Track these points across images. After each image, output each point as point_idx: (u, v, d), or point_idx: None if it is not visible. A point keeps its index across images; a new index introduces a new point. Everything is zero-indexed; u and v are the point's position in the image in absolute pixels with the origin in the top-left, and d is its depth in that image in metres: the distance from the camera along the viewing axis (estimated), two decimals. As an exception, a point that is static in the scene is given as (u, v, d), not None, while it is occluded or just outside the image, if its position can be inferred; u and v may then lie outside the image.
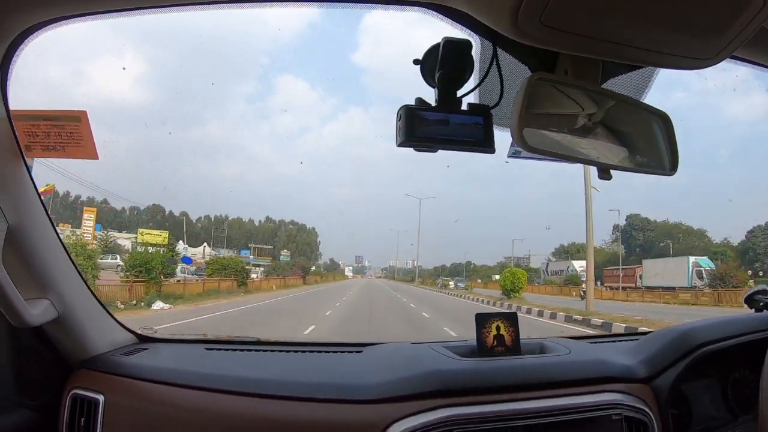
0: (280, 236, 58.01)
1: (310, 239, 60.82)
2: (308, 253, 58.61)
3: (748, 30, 0.69)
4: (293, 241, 58.41)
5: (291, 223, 61.09)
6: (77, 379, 1.07)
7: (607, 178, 0.82)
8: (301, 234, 60.48)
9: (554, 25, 0.66)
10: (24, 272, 0.95)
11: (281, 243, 55.36)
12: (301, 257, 55.16)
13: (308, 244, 59.90)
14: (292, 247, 56.63)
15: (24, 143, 0.95)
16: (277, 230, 59.26)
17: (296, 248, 57.24)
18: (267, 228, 58.82)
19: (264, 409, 1.00)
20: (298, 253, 56.39)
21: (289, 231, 60.19)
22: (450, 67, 0.79)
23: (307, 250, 59.12)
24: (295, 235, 59.80)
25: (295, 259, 53.25)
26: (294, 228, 60.99)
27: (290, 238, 58.76)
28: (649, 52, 0.74)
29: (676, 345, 1.18)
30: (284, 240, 57.53)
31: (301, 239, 59.51)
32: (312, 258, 59.63)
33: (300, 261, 47.57)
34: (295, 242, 58.34)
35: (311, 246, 60.50)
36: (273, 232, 58.60)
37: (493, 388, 1.03)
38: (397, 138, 0.77)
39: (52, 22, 0.84)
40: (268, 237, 55.56)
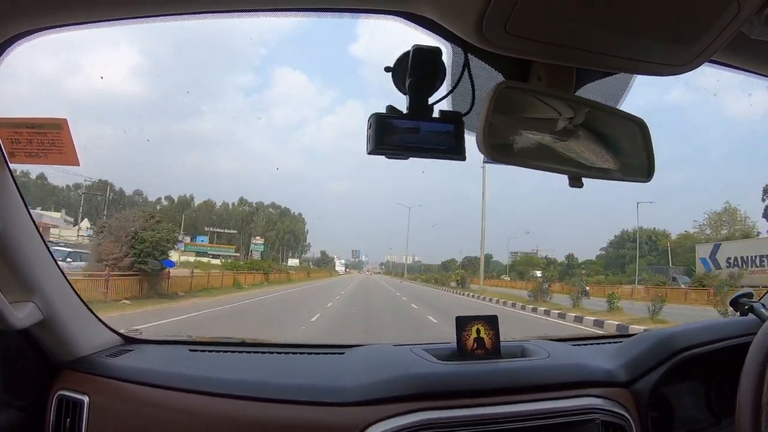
0: (256, 221, 50.02)
1: (296, 227, 53.08)
2: (292, 243, 51.54)
3: (725, 34, 0.68)
4: (272, 228, 50.67)
5: (271, 206, 52.77)
6: (63, 380, 1.09)
7: (578, 185, 0.82)
8: (284, 220, 52.51)
9: (520, 33, 0.66)
10: (8, 276, 0.97)
11: (258, 230, 48.54)
12: (284, 247, 49.41)
13: (292, 232, 52.12)
14: (272, 236, 49.29)
15: (7, 150, 0.97)
16: (254, 214, 50.95)
17: (276, 236, 49.82)
18: (239, 212, 50.02)
19: (245, 410, 1.02)
20: (280, 243, 49.54)
21: (269, 215, 51.92)
22: (420, 74, 0.79)
23: (291, 239, 51.74)
24: (276, 220, 51.56)
25: (274, 249, 47.00)
26: (275, 213, 52.59)
27: (269, 224, 50.83)
28: (623, 59, 0.74)
29: (658, 349, 1.18)
30: (262, 226, 49.75)
31: (283, 226, 51.49)
32: (297, 249, 52.82)
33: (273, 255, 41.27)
34: (275, 229, 50.48)
35: (296, 235, 52.87)
36: (248, 217, 50.14)
37: (470, 391, 1.04)
38: (367, 146, 0.78)
39: (39, 31, 0.85)
40: (242, 223, 48.45)
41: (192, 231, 42.31)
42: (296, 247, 54.02)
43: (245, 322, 9.54)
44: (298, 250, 54.34)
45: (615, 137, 0.86)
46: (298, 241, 54.32)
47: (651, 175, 0.86)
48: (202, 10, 0.82)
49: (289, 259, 49.65)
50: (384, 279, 46.78)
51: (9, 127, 0.97)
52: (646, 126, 0.87)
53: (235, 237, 45.90)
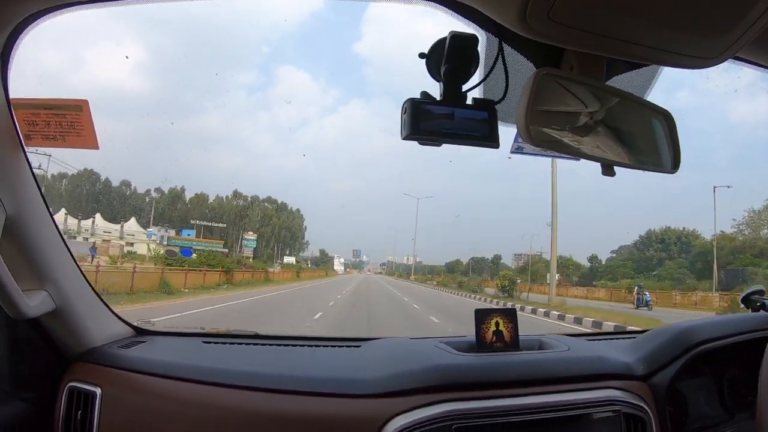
0: (251, 216, 46.74)
1: (293, 223, 50.16)
2: (288, 240, 49.07)
3: (753, 30, 0.70)
4: (268, 223, 47.41)
5: (267, 200, 49.29)
6: (74, 371, 1.06)
7: (610, 174, 0.83)
8: (281, 215, 49.38)
9: (562, 20, 0.66)
10: (22, 263, 0.94)
11: (252, 225, 45.52)
12: (280, 244, 46.77)
13: (289, 228, 49.14)
14: (267, 231, 46.37)
15: (24, 132, 0.94)
16: (248, 209, 47.79)
17: (272, 232, 46.98)
18: (233, 206, 46.51)
19: (261, 402, 1.00)
20: (276, 239, 47.21)
21: (264, 210, 48.68)
22: (455, 61, 0.79)
23: (287, 236, 48.81)
24: (272, 216, 48.44)
25: (269, 246, 44.48)
26: (271, 207, 49.35)
27: (265, 220, 47.63)
28: (654, 50, 0.75)
29: (675, 343, 1.19)
30: (256, 221, 46.42)
31: (279, 222, 48.38)
32: (295, 247, 50.29)
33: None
34: (270, 225, 47.39)
35: (293, 231, 49.83)
36: (242, 211, 46.99)
37: (492, 383, 1.04)
38: (402, 131, 0.77)
39: (53, 11, 0.83)
40: (235, 217, 45.44)
41: (183, 225, 39.97)
42: (293, 245, 51.36)
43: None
44: (295, 248, 51.70)
45: (642, 128, 0.87)
46: (295, 239, 51.54)
47: (677, 166, 0.87)
48: None
49: (284, 257, 47.51)
50: (386, 280, 43.85)
51: (26, 108, 0.94)
52: (672, 118, 0.88)
53: (226, 231, 42.45)
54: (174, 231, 37.88)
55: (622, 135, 0.87)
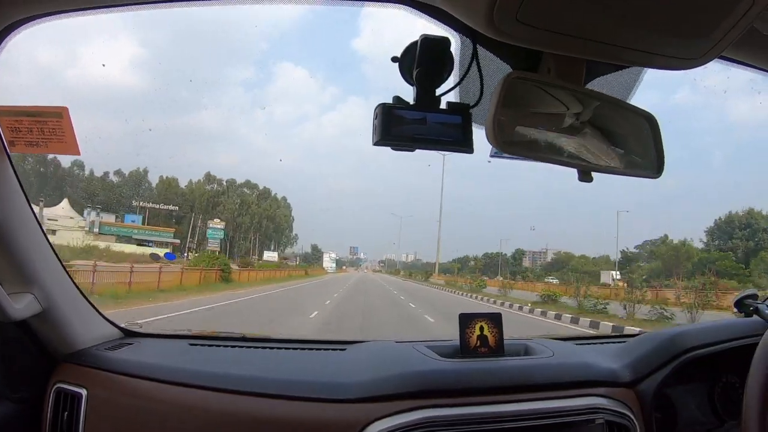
0: (225, 203, 39.73)
1: (278, 214, 43.17)
2: (271, 232, 42.20)
3: (737, 29, 0.67)
4: (246, 212, 40.43)
5: (246, 185, 41.98)
6: (61, 372, 1.08)
7: (587, 180, 0.81)
8: (262, 203, 42.06)
9: (531, 22, 0.64)
10: (7, 267, 0.96)
11: (227, 213, 39.24)
12: (261, 236, 40.58)
13: (272, 218, 42.06)
14: (245, 221, 39.65)
15: (7, 139, 0.96)
16: (223, 194, 40.87)
17: (251, 222, 40.15)
18: (203, 191, 39.57)
19: (244, 406, 1.01)
20: (256, 230, 40.62)
21: (242, 196, 41.58)
22: (428, 65, 0.78)
23: (270, 228, 41.71)
24: (251, 203, 41.32)
25: (248, 239, 39.05)
26: (251, 193, 42.27)
27: (243, 207, 40.63)
28: (634, 51, 0.73)
29: (663, 349, 1.17)
30: (232, 209, 39.72)
31: (260, 210, 41.24)
32: (281, 240, 43.56)
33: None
34: (249, 213, 40.38)
35: (278, 223, 42.75)
36: (215, 197, 40.16)
37: (473, 389, 1.03)
38: (373, 137, 0.76)
39: (38, 18, 0.84)
40: (207, 205, 39.04)
41: (129, 209, 33.61)
42: (278, 238, 44.27)
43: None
44: (282, 242, 44.71)
45: (624, 132, 0.85)
46: (280, 231, 44.25)
47: (661, 170, 0.85)
48: None
49: (265, 251, 40.97)
50: (388, 280, 35.77)
51: (9, 115, 0.95)
52: (656, 121, 0.85)
53: (182, 218, 36.39)
54: (115, 216, 31.93)
55: (604, 139, 0.85)
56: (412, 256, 56.18)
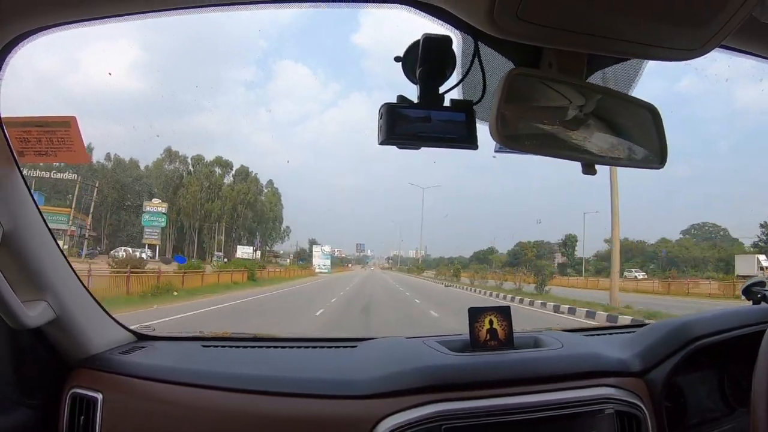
0: (188, 185, 32.49)
1: (262, 200, 35.61)
2: (250, 223, 34.82)
3: (736, 19, 0.68)
4: (218, 195, 33.09)
5: (217, 162, 34.33)
6: (76, 378, 1.10)
7: (591, 173, 0.82)
8: (243, 187, 34.44)
9: (531, 19, 0.65)
10: (20, 275, 0.97)
11: (188, 198, 31.88)
12: (237, 228, 33.32)
13: (251, 205, 34.16)
14: (214, 208, 32.22)
15: (17, 149, 0.97)
16: (190, 174, 33.66)
17: (224, 207, 32.77)
18: (162, 171, 32.72)
19: (259, 405, 1.02)
20: (234, 219, 33.46)
21: (211, 177, 33.89)
22: (431, 63, 0.79)
23: (249, 217, 34.04)
24: (224, 183, 33.39)
25: (220, 230, 31.52)
26: (222, 173, 34.34)
27: (212, 191, 33.10)
28: (634, 44, 0.73)
29: (672, 338, 1.17)
30: (196, 192, 32.31)
31: (237, 195, 33.79)
32: (267, 233, 36.38)
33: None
34: (221, 198, 33.17)
35: (260, 212, 35.15)
36: (179, 179, 32.96)
37: (484, 382, 1.04)
38: (378, 136, 0.77)
39: (43, 30, 0.85)
40: (165, 186, 32.22)
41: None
42: (262, 230, 36.20)
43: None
44: (268, 235, 36.78)
45: (627, 124, 0.86)
46: (263, 222, 35.98)
47: (664, 161, 0.86)
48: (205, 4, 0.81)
49: (239, 247, 33.17)
50: (406, 283, 25.53)
51: (18, 126, 0.97)
52: (658, 112, 0.86)
53: (83, 191, 27.22)
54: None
55: (607, 132, 0.85)
56: (421, 252, 52.53)
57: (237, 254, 32.02)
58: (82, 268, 12.47)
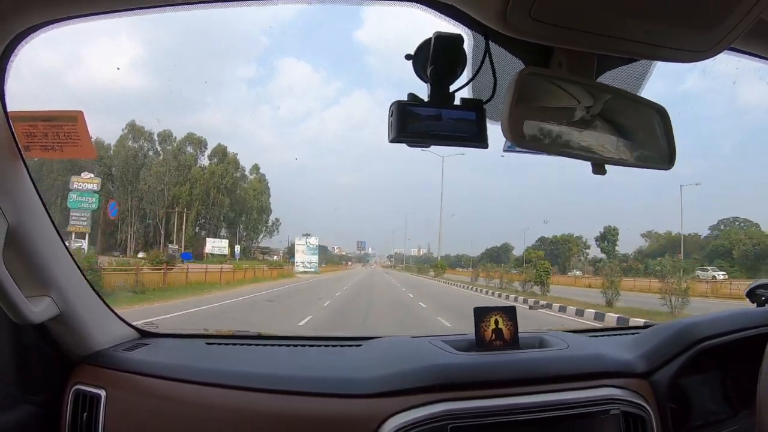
0: (149, 164, 26.37)
1: (245, 186, 30.36)
2: (227, 211, 29.21)
3: (746, 21, 0.68)
4: (185, 179, 27.41)
5: (189, 140, 27.70)
6: (79, 374, 1.09)
7: (601, 173, 0.82)
8: (220, 169, 28.68)
9: (544, 18, 0.65)
10: (25, 270, 0.96)
11: (151, 180, 26.39)
12: (210, 217, 27.07)
13: (227, 190, 28.72)
14: (184, 191, 26.72)
15: (23, 144, 0.97)
16: (138, 152, 26.85)
17: (193, 192, 27.27)
18: (122, 150, 26.73)
19: (264, 403, 1.02)
20: (208, 208, 28.09)
21: (183, 157, 27.29)
22: (441, 62, 0.79)
23: (224, 204, 28.44)
24: (193, 165, 27.62)
25: (189, 219, 25.59)
26: (192, 154, 28.07)
27: (181, 172, 27.00)
28: (644, 45, 0.74)
29: (676, 339, 1.18)
30: (160, 174, 26.77)
31: (210, 178, 28.00)
32: (251, 224, 30.95)
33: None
34: (190, 181, 27.50)
35: (240, 197, 29.92)
36: (140, 158, 26.76)
37: (489, 382, 1.04)
38: (389, 133, 0.78)
39: (50, 24, 0.85)
40: (125, 167, 26.52)
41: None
42: (247, 223, 30.64)
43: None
44: (252, 227, 31.40)
45: (635, 124, 0.86)
46: (245, 213, 30.43)
47: (672, 162, 0.86)
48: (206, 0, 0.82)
49: (209, 240, 27.69)
50: (416, 286, 19.41)
51: (24, 120, 0.96)
52: (667, 113, 0.86)
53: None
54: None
55: (616, 132, 0.85)
56: (424, 250, 50.99)
57: (206, 248, 26.94)
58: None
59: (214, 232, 30.25)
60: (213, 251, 27.06)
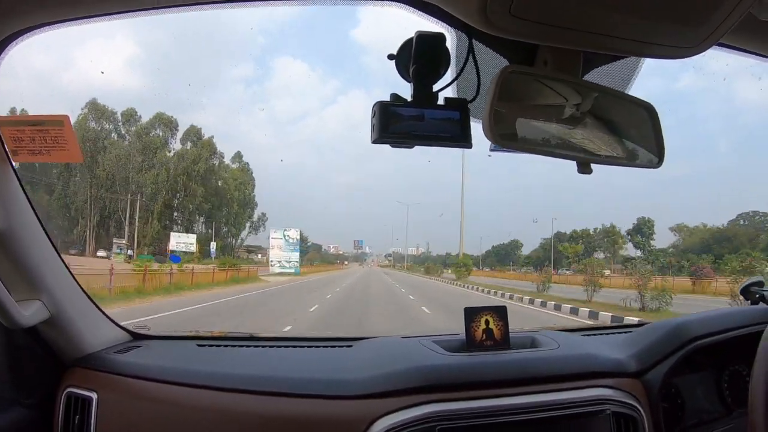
0: (110, 149, 22.48)
1: (224, 177, 26.35)
2: (200, 202, 24.89)
3: (734, 16, 0.67)
4: (150, 164, 23.17)
5: (159, 119, 24.11)
6: (71, 377, 1.10)
7: (587, 172, 0.81)
8: (192, 153, 24.83)
9: (525, 16, 0.65)
10: (15, 274, 0.97)
11: (108, 164, 22.26)
12: (180, 206, 22.49)
13: (202, 177, 24.60)
14: (149, 178, 22.65)
15: (10, 148, 0.97)
16: (99, 134, 22.65)
17: (158, 179, 23.28)
18: (83, 130, 22.27)
19: (253, 405, 1.02)
20: (179, 199, 23.61)
21: (147, 139, 23.40)
22: (424, 61, 0.78)
23: (197, 193, 24.28)
24: (159, 147, 23.67)
25: (150, 211, 21.81)
26: (164, 135, 24.16)
27: (147, 156, 23.37)
28: (630, 41, 0.73)
29: (669, 338, 1.17)
30: (120, 157, 22.70)
31: (179, 163, 24.30)
32: (234, 222, 26.48)
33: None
34: (155, 167, 23.42)
35: (214, 186, 26.15)
36: (102, 140, 22.38)
37: (479, 383, 1.03)
38: (371, 134, 0.77)
39: (37, 28, 0.84)
40: (83, 151, 17.67)
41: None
42: (227, 217, 26.42)
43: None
44: (233, 223, 26.93)
45: (624, 122, 0.85)
46: (226, 205, 26.23)
47: (661, 161, 0.85)
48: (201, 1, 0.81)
49: (173, 235, 23.45)
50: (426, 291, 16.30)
51: (11, 125, 0.96)
52: (655, 111, 0.85)
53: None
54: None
55: (603, 130, 0.84)
56: (422, 249, 50.70)
57: (170, 245, 22.34)
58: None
59: (187, 226, 25.88)
60: (177, 248, 22.50)
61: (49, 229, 1.08)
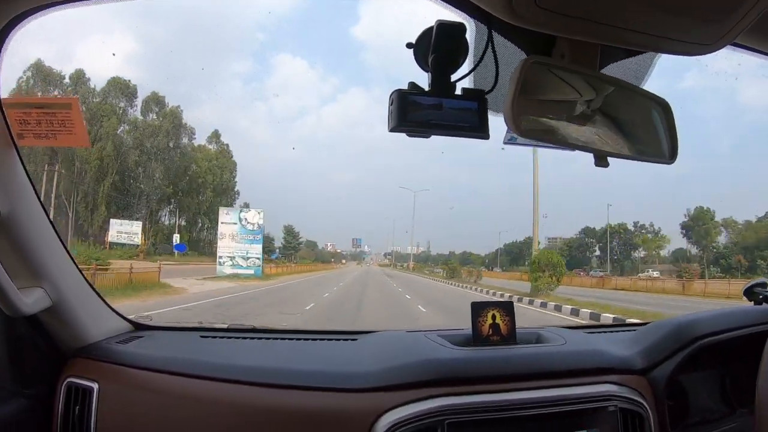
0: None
1: (197, 158, 22.89)
2: (159, 182, 21.20)
3: (751, 15, 0.68)
4: (97, 135, 17.75)
5: (115, 84, 20.88)
6: (72, 367, 1.08)
7: (604, 165, 0.81)
8: (152, 124, 21.60)
9: (550, 7, 0.64)
10: (17, 261, 0.95)
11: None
12: (130, 186, 19.60)
13: (158, 151, 21.17)
14: (93, 153, 17.38)
15: (16, 131, 0.95)
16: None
17: (101, 156, 18.67)
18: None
19: (257, 397, 1.00)
20: (133, 178, 20.26)
21: (93, 104, 18.76)
22: (443, 51, 0.78)
23: (163, 183, 21.14)
24: (109, 114, 19.78)
25: (94, 193, 18.63)
26: (119, 104, 20.76)
27: (94, 124, 17.18)
28: (649, 36, 0.73)
29: (674, 337, 1.17)
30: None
31: (133, 134, 20.79)
32: (207, 210, 22.59)
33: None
34: (102, 139, 18.68)
35: (178, 165, 22.12)
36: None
37: (486, 377, 1.03)
38: (389, 122, 0.76)
39: (42, 9, 0.83)
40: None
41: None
42: (200, 204, 22.75)
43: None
44: (204, 212, 23.09)
45: (638, 117, 0.85)
46: (196, 190, 22.88)
47: (674, 156, 0.85)
48: None
49: (113, 221, 19.47)
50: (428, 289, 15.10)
51: (18, 107, 0.95)
52: (670, 107, 0.86)
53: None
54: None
55: (618, 124, 0.85)
56: (422, 248, 48.77)
57: (111, 233, 18.57)
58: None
59: (151, 213, 21.49)
60: (118, 239, 18.23)
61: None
